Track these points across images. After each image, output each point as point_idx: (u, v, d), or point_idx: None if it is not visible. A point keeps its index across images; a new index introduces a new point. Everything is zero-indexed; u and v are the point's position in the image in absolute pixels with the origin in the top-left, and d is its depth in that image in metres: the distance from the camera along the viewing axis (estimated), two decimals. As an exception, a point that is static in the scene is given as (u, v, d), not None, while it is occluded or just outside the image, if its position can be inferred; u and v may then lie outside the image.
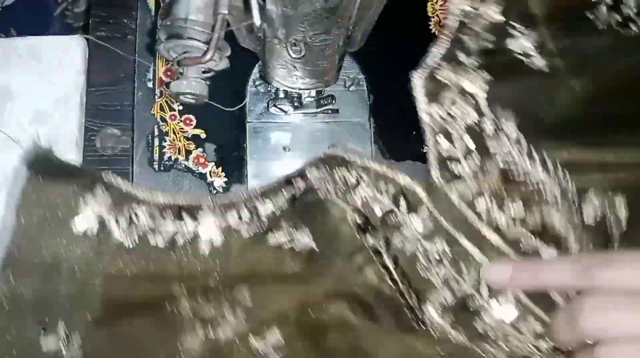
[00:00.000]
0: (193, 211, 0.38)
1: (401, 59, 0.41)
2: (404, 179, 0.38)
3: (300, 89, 0.43)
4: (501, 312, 0.36)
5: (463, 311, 0.37)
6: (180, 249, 0.38)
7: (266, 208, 0.39)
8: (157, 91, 0.43)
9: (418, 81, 0.40)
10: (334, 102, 0.44)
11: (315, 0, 0.31)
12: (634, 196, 0.36)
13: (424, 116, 0.40)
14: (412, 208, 0.38)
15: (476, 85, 0.40)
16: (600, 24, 0.40)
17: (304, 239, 0.38)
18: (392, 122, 0.44)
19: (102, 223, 0.38)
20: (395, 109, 0.44)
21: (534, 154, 0.38)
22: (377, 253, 0.38)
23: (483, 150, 0.39)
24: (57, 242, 0.37)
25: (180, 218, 0.38)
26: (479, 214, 0.38)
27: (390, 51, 0.44)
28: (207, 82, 0.37)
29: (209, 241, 0.38)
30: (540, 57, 0.40)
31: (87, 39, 0.43)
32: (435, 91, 0.40)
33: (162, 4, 0.36)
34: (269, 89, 0.44)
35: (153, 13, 0.44)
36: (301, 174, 0.39)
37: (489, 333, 0.36)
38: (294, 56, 0.37)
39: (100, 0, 0.44)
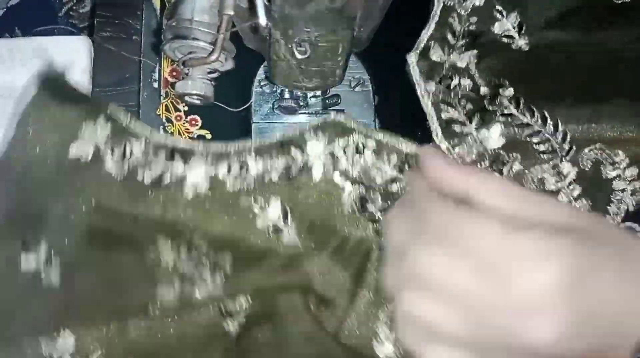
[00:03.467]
0: (185, 155, 0.39)
1: (406, 60, 0.41)
2: (409, 147, 0.39)
3: (305, 89, 0.43)
4: None
5: None
6: (165, 188, 0.38)
7: (257, 166, 0.39)
8: (163, 92, 0.43)
9: (413, 59, 0.41)
10: (339, 101, 0.44)
11: (320, 0, 0.31)
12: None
13: (422, 93, 0.40)
14: None
15: (466, 61, 0.41)
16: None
17: (292, 233, 0.38)
18: (396, 123, 0.44)
19: (97, 152, 0.38)
20: (400, 110, 0.43)
21: (534, 108, 0.39)
22: (374, 221, 0.38)
23: (483, 112, 0.40)
24: (50, 162, 0.38)
25: (172, 159, 0.39)
26: None
27: (396, 51, 0.44)
28: (213, 83, 0.37)
29: (194, 186, 0.38)
30: (519, 37, 0.41)
31: (92, 40, 0.44)
32: (430, 69, 0.41)
33: (167, 5, 0.36)
34: (275, 89, 0.44)
35: (158, 13, 0.45)
36: (299, 143, 0.39)
37: None
38: (299, 56, 0.36)
39: (105, 0, 0.44)
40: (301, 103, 0.44)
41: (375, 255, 0.38)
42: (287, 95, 0.44)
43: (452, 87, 0.41)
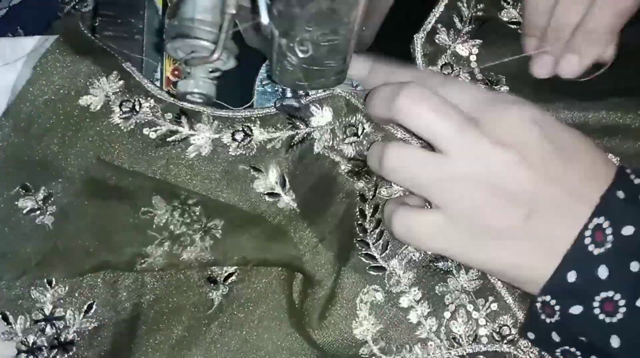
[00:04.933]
0: (192, 117, 0.40)
1: (408, 60, 0.42)
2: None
3: (307, 88, 0.43)
4: (466, 280, 0.39)
5: (429, 272, 0.39)
6: (169, 147, 0.40)
7: (261, 134, 0.40)
8: (165, 90, 0.43)
9: (418, 42, 0.42)
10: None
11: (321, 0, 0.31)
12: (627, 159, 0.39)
13: None
14: None
15: (468, 49, 0.42)
16: None
17: (287, 198, 0.40)
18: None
19: (107, 103, 0.40)
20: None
21: None
22: (362, 198, 0.39)
23: None
24: (59, 109, 0.39)
25: (179, 119, 0.40)
26: None
27: (398, 51, 0.44)
28: (215, 82, 0.37)
29: (197, 148, 0.40)
30: None
31: (95, 39, 0.44)
32: (433, 53, 0.42)
33: (169, 4, 0.36)
34: (277, 88, 0.44)
35: (160, 13, 0.45)
36: (304, 116, 0.40)
37: (445, 300, 0.38)
38: (301, 55, 0.36)
39: (107, -1, 0.45)
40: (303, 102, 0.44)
41: (358, 232, 0.39)
42: (289, 94, 0.44)
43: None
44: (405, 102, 0.35)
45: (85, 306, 0.39)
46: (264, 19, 0.32)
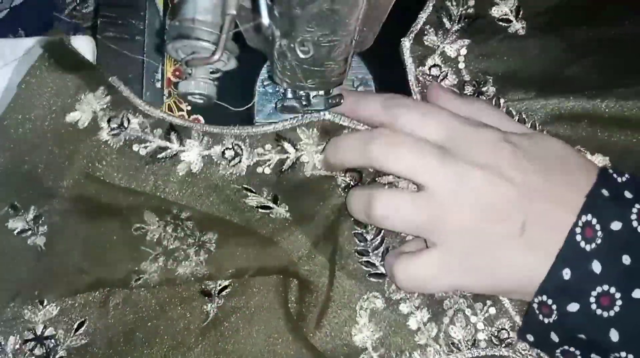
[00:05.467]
0: (181, 135, 0.40)
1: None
2: None
3: (308, 89, 0.43)
4: None
5: None
6: (159, 163, 0.39)
7: (250, 156, 0.40)
8: (166, 91, 0.43)
9: (407, 44, 0.42)
10: (342, 101, 0.44)
11: (322, 0, 0.31)
12: (616, 157, 0.39)
13: (412, 79, 0.42)
14: None
15: (456, 50, 0.42)
16: None
17: (280, 210, 0.40)
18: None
19: (95, 119, 0.39)
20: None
21: (512, 111, 0.41)
22: None
23: None
24: (46, 126, 0.39)
25: (169, 138, 0.39)
26: None
27: (399, 51, 0.44)
28: (216, 83, 0.37)
29: (187, 164, 0.39)
30: (516, 21, 0.42)
31: (96, 40, 0.44)
32: (422, 54, 0.42)
33: (170, 5, 0.36)
34: (278, 89, 0.44)
35: (162, 14, 0.45)
36: (292, 140, 0.40)
37: (444, 305, 0.39)
38: (302, 56, 0.36)
39: (108, 0, 0.44)
40: (304, 103, 0.44)
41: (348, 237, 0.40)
42: (289, 95, 0.44)
43: (438, 79, 0.42)
44: (381, 150, 0.36)
45: (76, 325, 0.38)
46: (265, 19, 0.32)
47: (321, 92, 0.44)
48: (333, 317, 0.38)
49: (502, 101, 0.41)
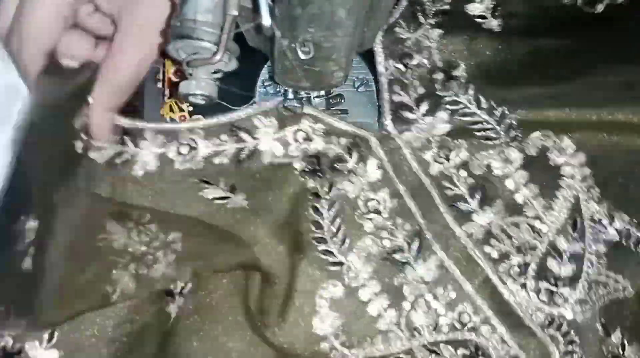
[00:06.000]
0: (135, 136, 0.39)
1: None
2: (358, 130, 0.40)
3: (309, 89, 0.43)
4: (424, 270, 0.38)
5: (387, 264, 0.39)
6: (116, 166, 0.38)
7: (207, 148, 0.39)
8: (167, 92, 0.43)
9: (378, 37, 0.42)
10: (343, 101, 0.44)
11: (323, 0, 0.31)
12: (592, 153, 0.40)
13: (380, 69, 0.42)
14: (363, 157, 0.40)
15: (430, 40, 0.42)
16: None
17: (237, 199, 0.39)
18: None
19: None
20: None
21: (481, 99, 0.41)
22: (316, 195, 0.39)
23: (433, 97, 0.41)
24: None
25: (123, 141, 0.39)
26: (426, 164, 0.40)
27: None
28: (217, 83, 0.37)
29: (144, 164, 0.39)
30: (493, 18, 0.43)
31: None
32: (393, 45, 0.42)
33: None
34: (279, 89, 0.44)
35: (162, 14, 0.45)
36: (248, 129, 0.40)
37: (404, 291, 0.38)
38: (303, 56, 0.37)
39: (109, 1, 0.45)
40: (305, 103, 0.44)
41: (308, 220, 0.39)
42: (290, 95, 0.44)
43: (409, 66, 0.42)
44: None
45: (47, 335, 0.37)
46: (266, 20, 0.32)
47: (322, 92, 0.44)
48: (294, 308, 0.38)
49: (472, 87, 0.41)
